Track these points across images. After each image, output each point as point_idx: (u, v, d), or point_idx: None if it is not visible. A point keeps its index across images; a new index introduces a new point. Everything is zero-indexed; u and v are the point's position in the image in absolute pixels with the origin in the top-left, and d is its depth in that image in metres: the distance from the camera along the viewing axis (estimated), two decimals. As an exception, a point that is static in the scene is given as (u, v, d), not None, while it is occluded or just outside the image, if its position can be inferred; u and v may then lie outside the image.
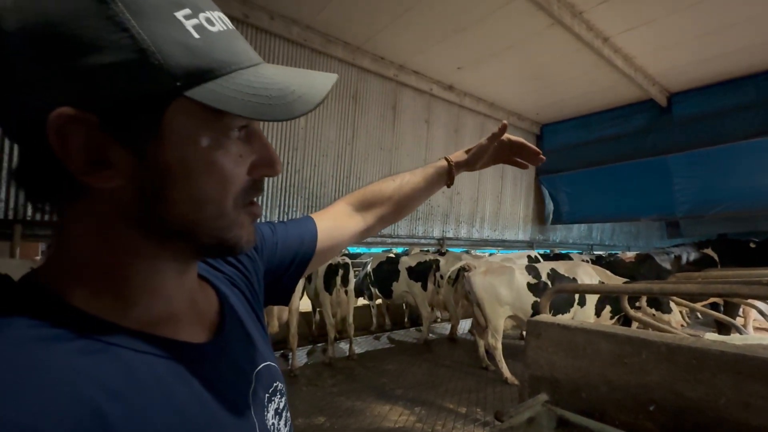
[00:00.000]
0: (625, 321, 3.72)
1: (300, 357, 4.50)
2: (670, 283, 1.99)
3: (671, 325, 3.03)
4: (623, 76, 4.22)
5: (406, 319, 6.57)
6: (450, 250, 5.44)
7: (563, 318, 3.57)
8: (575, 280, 3.93)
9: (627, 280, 3.93)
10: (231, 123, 0.33)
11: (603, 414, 1.07)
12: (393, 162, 4.43)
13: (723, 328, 3.71)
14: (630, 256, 5.35)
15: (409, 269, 5.21)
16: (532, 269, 4.04)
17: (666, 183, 5.08)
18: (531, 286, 3.90)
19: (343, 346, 4.87)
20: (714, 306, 4.34)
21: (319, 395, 3.49)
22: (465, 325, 6.16)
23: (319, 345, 5.05)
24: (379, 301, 6.11)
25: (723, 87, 4.45)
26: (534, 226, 6.44)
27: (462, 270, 4.40)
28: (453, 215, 5.17)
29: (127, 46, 0.28)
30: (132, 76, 0.28)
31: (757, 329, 5.04)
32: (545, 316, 1.36)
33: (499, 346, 3.91)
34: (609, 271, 4.14)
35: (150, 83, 0.29)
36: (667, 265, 4.75)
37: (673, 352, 0.96)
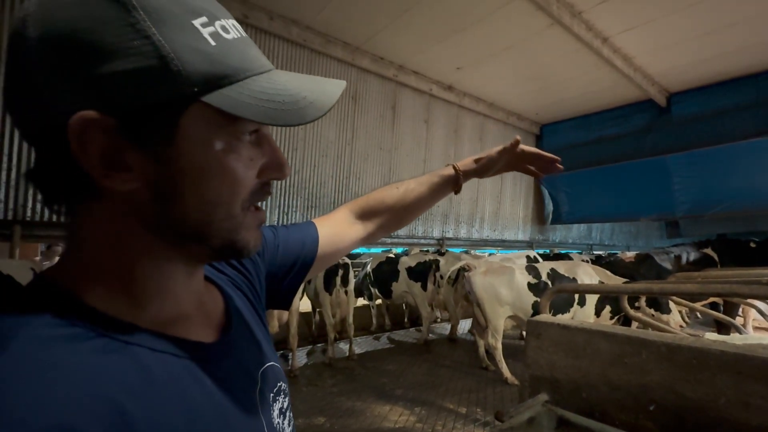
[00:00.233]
0: (625, 321, 3.72)
1: (300, 357, 4.50)
2: (670, 283, 1.99)
3: (670, 326, 3.03)
4: (622, 76, 4.23)
5: (405, 320, 6.57)
6: (450, 250, 5.44)
7: (563, 318, 3.57)
8: (575, 280, 3.93)
9: (627, 280, 3.93)
10: (244, 127, 0.34)
11: (603, 414, 1.07)
12: (392, 162, 4.43)
13: (723, 327, 3.72)
14: (630, 256, 5.35)
15: (409, 269, 5.21)
16: (532, 269, 4.04)
17: (665, 183, 5.09)
18: (531, 286, 3.90)
19: (343, 346, 4.87)
20: (714, 306, 4.34)
21: (319, 395, 3.49)
22: (465, 325, 6.16)
23: (319, 345, 5.05)
24: (379, 302, 6.11)
25: (722, 87, 4.45)
26: (533, 226, 6.45)
27: (462, 270, 4.40)
28: (453, 215, 5.17)
29: (148, 52, 0.28)
30: (152, 81, 0.29)
31: (757, 329, 5.05)
32: (545, 316, 1.36)
33: (499, 346, 3.91)
34: (609, 271, 4.14)
35: (169, 89, 0.30)
36: (667, 265, 4.75)
37: (673, 351, 0.96)
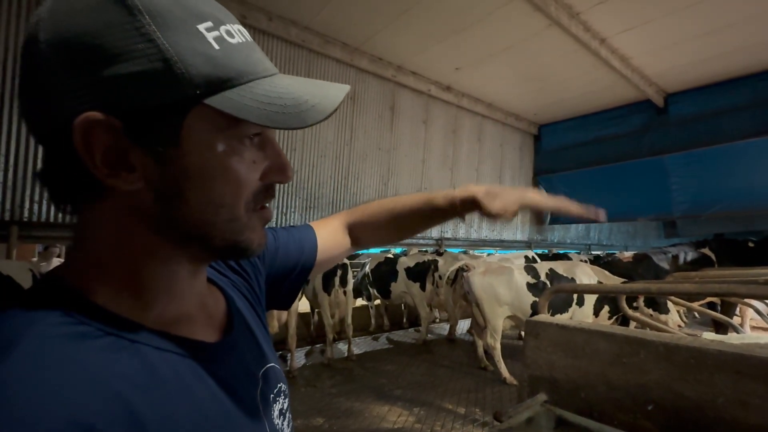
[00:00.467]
0: (623, 321, 3.73)
1: (298, 358, 4.49)
2: (668, 283, 2.00)
3: (668, 326, 3.04)
4: (620, 76, 4.23)
5: (404, 320, 6.57)
6: (448, 250, 5.44)
7: (562, 318, 3.57)
8: (573, 280, 3.94)
9: (625, 279, 3.94)
10: (246, 130, 0.35)
11: (602, 414, 1.07)
12: (391, 162, 4.43)
13: (720, 327, 3.73)
14: (628, 255, 5.36)
15: (408, 270, 5.21)
16: (530, 269, 4.05)
17: (663, 183, 5.10)
18: (530, 286, 3.90)
19: (342, 346, 4.87)
20: (711, 305, 4.35)
21: (318, 396, 3.49)
22: (464, 326, 6.16)
23: (318, 346, 5.04)
24: (378, 302, 6.11)
25: (719, 87, 4.46)
26: (532, 226, 6.46)
27: (460, 270, 4.41)
28: (451, 216, 5.17)
29: (153, 55, 0.29)
30: (156, 84, 0.30)
31: (754, 328, 5.07)
32: (544, 316, 1.36)
33: (498, 346, 3.91)
34: (607, 271, 4.15)
35: (172, 91, 0.30)
36: (665, 265, 4.77)
37: (672, 351, 0.96)
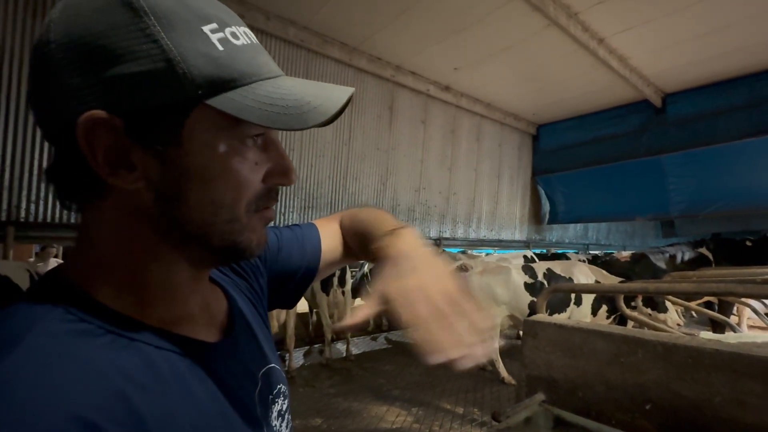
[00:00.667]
0: (621, 320, 3.74)
1: (297, 358, 4.49)
2: (665, 283, 2.00)
3: (667, 325, 3.05)
4: (618, 77, 4.24)
5: (403, 320, 6.56)
6: (447, 250, 5.45)
7: (560, 317, 3.58)
8: (571, 279, 3.94)
9: (623, 279, 3.95)
10: (248, 131, 0.35)
11: (600, 413, 1.07)
12: (389, 162, 4.43)
13: (717, 326, 3.74)
14: (626, 255, 5.38)
15: (406, 269, 5.19)
16: (528, 269, 4.05)
17: (661, 183, 5.12)
18: (527, 285, 3.91)
19: (340, 347, 4.86)
20: (709, 305, 4.37)
21: (316, 396, 3.48)
22: (462, 325, 6.15)
23: (316, 346, 5.04)
24: (376, 302, 6.10)
25: (717, 88, 4.48)
26: (530, 226, 6.47)
27: (458, 270, 4.41)
28: (450, 215, 5.17)
29: (156, 56, 0.30)
30: (158, 83, 0.30)
31: (751, 327, 5.09)
32: (542, 315, 1.36)
33: (496, 345, 3.92)
34: (605, 271, 4.16)
35: (174, 91, 0.30)
36: (663, 265, 4.78)
37: (669, 351, 0.96)
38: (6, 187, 2.40)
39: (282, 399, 0.48)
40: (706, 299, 4.23)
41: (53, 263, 4.31)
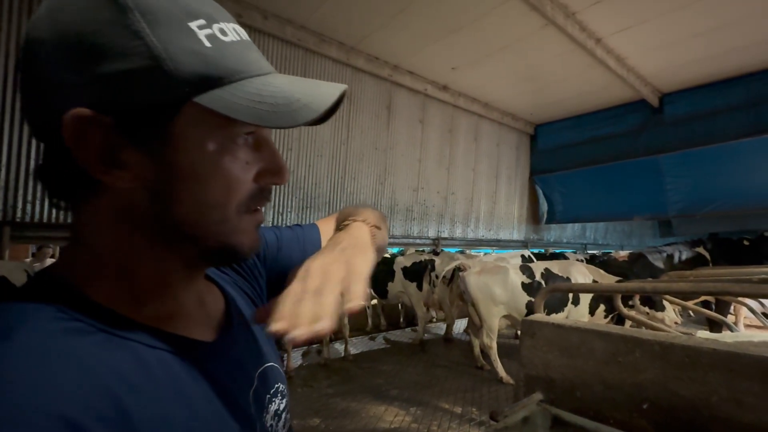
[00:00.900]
0: (619, 320, 3.75)
1: (295, 358, 4.48)
2: (662, 282, 2.01)
3: (665, 323, 3.06)
4: (616, 76, 4.25)
5: (401, 320, 6.57)
6: (445, 249, 5.45)
7: (557, 317, 3.59)
8: (569, 279, 3.95)
9: (620, 278, 3.96)
10: (239, 129, 0.34)
11: (597, 413, 1.07)
12: (388, 162, 4.43)
13: (715, 325, 3.76)
14: (623, 255, 5.39)
15: (405, 269, 5.21)
16: (526, 269, 4.06)
17: (658, 182, 5.13)
18: (525, 285, 3.91)
19: (339, 346, 4.86)
20: (706, 304, 4.39)
21: (314, 396, 3.48)
22: (460, 325, 6.17)
23: (315, 346, 5.03)
24: (375, 302, 6.11)
25: (714, 87, 4.49)
26: (528, 225, 6.47)
27: (457, 270, 4.41)
28: (448, 215, 5.18)
29: (142, 53, 0.29)
30: (145, 81, 0.30)
31: (748, 326, 5.11)
32: (540, 315, 1.36)
33: (494, 345, 3.92)
34: (602, 270, 4.17)
35: (161, 88, 0.30)
36: (660, 264, 4.80)
37: (666, 350, 0.96)
38: (2, 187, 2.38)
39: (280, 398, 0.48)
40: (703, 298, 4.24)
41: (50, 263, 4.29)
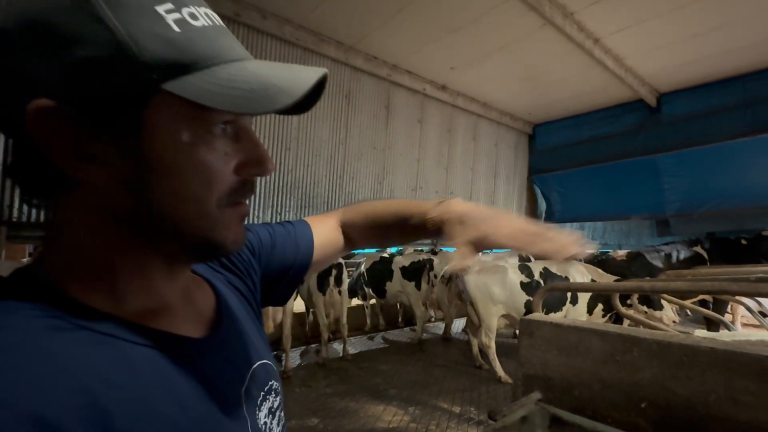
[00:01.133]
0: (617, 319, 3.76)
1: (293, 358, 4.48)
2: (660, 281, 2.01)
3: (663, 322, 3.07)
4: (614, 76, 4.26)
5: (400, 319, 6.57)
6: (443, 249, 5.45)
7: (556, 316, 3.59)
8: (567, 278, 3.96)
9: (618, 278, 3.97)
10: (214, 118, 0.33)
11: (595, 412, 1.08)
12: (386, 161, 4.43)
13: (712, 324, 3.77)
14: (621, 254, 5.41)
15: (403, 269, 5.21)
16: (524, 268, 4.07)
17: (655, 182, 5.14)
18: (524, 284, 3.92)
19: (337, 346, 4.86)
20: (703, 303, 4.40)
21: (313, 396, 3.48)
22: (459, 325, 6.17)
23: (313, 346, 5.03)
24: (373, 301, 6.11)
25: (711, 87, 4.51)
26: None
27: (454, 270, 4.41)
28: (446, 215, 5.18)
29: (104, 38, 0.27)
30: (109, 68, 0.28)
31: (745, 325, 5.13)
32: (538, 314, 1.36)
33: (493, 344, 3.92)
34: (600, 270, 4.18)
35: (127, 76, 0.28)
36: (658, 263, 4.81)
37: (664, 349, 0.97)
38: (-2, 187, 2.37)
39: (273, 396, 0.47)
40: (700, 297, 4.25)
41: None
